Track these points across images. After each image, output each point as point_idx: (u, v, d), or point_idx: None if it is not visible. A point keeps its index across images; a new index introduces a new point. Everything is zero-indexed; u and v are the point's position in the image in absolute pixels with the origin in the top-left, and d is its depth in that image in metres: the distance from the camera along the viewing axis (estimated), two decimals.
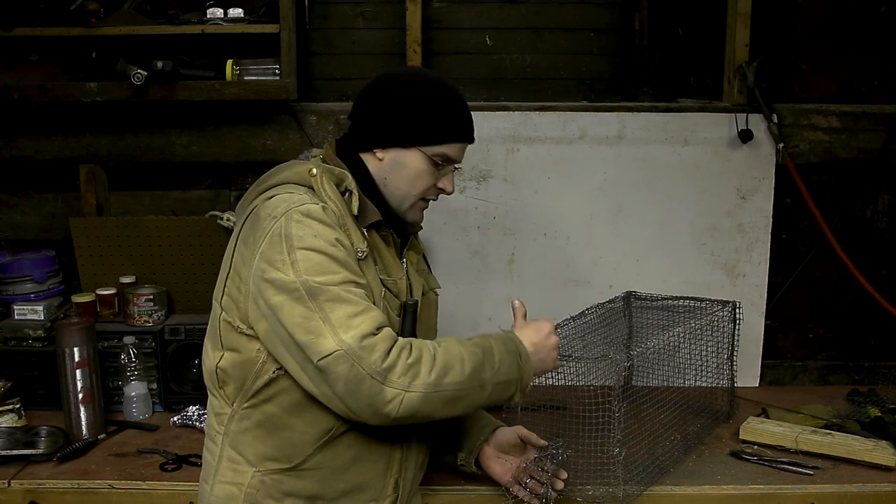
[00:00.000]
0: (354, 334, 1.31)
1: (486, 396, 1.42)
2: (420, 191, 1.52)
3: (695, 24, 2.60)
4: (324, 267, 1.35)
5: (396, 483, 1.54)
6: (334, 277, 1.35)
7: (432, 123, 1.48)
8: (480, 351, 1.42)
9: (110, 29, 2.25)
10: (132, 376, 2.21)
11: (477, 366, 1.40)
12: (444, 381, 1.35)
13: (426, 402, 1.34)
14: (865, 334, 2.58)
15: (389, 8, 2.57)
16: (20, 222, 2.57)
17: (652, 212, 2.44)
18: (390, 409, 1.32)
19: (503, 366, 1.43)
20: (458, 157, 1.54)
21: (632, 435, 1.81)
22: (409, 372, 1.32)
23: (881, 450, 1.93)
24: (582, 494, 1.78)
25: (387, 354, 1.31)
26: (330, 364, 1.31)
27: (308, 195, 1.42)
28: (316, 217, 1.38)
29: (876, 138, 2.43)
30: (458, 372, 1.37)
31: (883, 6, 2.42)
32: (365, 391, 1.31)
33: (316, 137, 2.42)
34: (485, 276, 2.46)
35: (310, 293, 1.33)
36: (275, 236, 1.36)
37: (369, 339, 1.31)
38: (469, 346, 1.42)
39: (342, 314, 1.32)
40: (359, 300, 1.35)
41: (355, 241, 1.43)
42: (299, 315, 1.33)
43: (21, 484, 1.84)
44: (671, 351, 2.12)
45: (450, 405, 1.38)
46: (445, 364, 1.36)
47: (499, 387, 1.43)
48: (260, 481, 1.46)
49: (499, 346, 1.45)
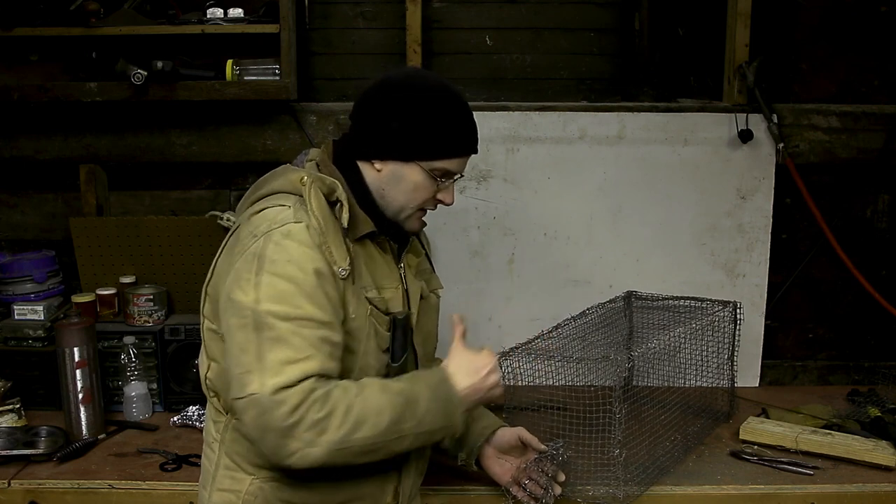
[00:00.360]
0: (274, 383, 1.28)
1: (406, 445, 1.39)
2: (418, 203, 1.48)
3: (695, 24, 2.60)
4: (286, 297, 1.32)
5: (396, 491, 1.54)
6: (292, 311, 1.31)
7: (432, 139, 1.43)
8: (403, 401, 1.37)
9: (110, 29, 2.25)
10: (132, 376, 2.21)
11: (396, 418, 1.35)
12: (353, 437, 1.31)
13: (333, 456, 1.31)
14: (865, 334, 2.58)
15: (389, 8, 2.57)
16: (20, 222, 2.57)
17: (652, 212, 2.43)
18: (293, 462, 1.30)
19: (428, 416, 1.39)
20: (459, 170, 1.50)
21: (632, 435, 1.81)
22: (316, 428, 1.29)
23: (881, 450, 1.93)
24: (582, 495, 1.78)
25: (295, 409, 1.27)
26: (242, 406, 1.31)
27: (294, 209, 1.39)
28: (296, 239, 1.35)
29: (876, 138, 2.43)
30: (372, 426, 1.33)
31: (883, 6, 2.42)
32: (269, 441, 1.30)
33: (316, 137, 2.42)
34: (485, 276, 2.46)
35: (256, 325, 1.31)
36: (249, 255, 1.35)
37: (282, 393, 1.28)
38: (392, 394, 1.37)
39: (277, 358, 1.30)
40: (302, 345, 1.31)
41: (337, 259, 1.38)
42: (238, 344, 1.33)
43: (21, 484, 1.84)
44: (672, 351, 2.11)
45: (365, 456, 1.35)
46: (358, 419, 1.31)
47: (422, 436, 1.40)
48: (258, 488, 1.46)
49: (427, 393, 1.40)
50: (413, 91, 1.45)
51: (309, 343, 1.32)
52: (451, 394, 1.42)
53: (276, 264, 1.33)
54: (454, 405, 1.42)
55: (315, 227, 1.37)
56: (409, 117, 1.43)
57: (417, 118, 1.43)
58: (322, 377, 1.33)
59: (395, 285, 1.51)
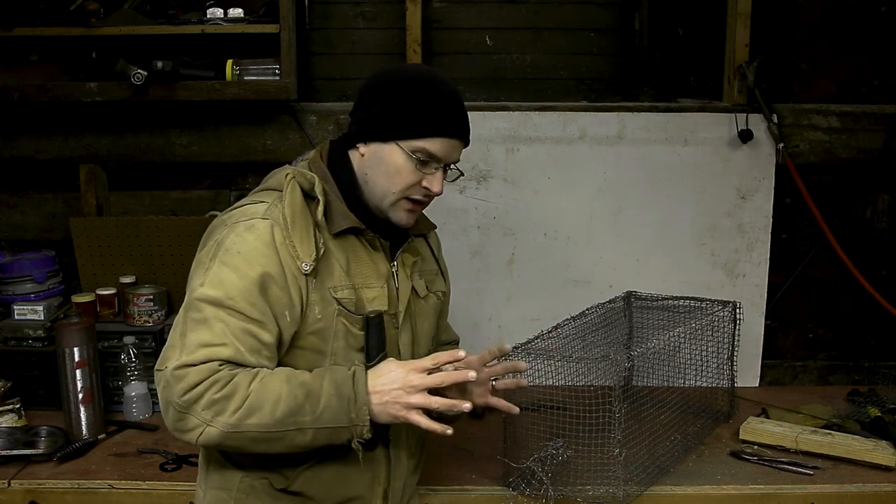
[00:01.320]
0: (180, 360, 1.32)
1: (308, 439, 1.36)
2: (400, 188, 1.44)
3: (695, 24, 2.60)
4: (224, 285, 1.35)
5: (385, 493, 1.54)
6: (224, 299, 1.34)
7: (409, 117, 1.41)
8: (304, 394, 1.34)
9: (110, 29, 2.25)
10: (132, 376, 2.21)
11: (292, 410, 1.33)
12: (246, 423, 1.31)
13: (228, 438, 1.32)
14: (865, 334, 2.58)
15: (389, 8, 2.57)
16: (20, 222, 2.57)
17: (652, 212, 2.44)
18: (191, 437, 1.33)
19: (328, 412, 1.34)
20: (442, 154, 1.44)
21: (632, 435, 1.81)
22: (213, 407, 1.31)
23: (881, 450, 1.93)
24: (582, 495, 1.78)
25: (192, 387, 1.30)
26: (156, 379, 1.36)
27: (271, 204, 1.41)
28: (256, 234, 1.37)
29: (876, 138, 2.43)
30: (267, 414, 1.32)
31: (883, 6, 2.42)
32: (170, 415, 1.34)
33: (316, 137, 2.41)
34: (485, 276, 2.46)
35: (187, 305, 1.37)
36: (213, 242, 1.40)
37: (183, 370, 1.31)
38: (294, 385, 1.35)
39: (197, 339, 1.33)
40: (223, 332, 1.33)
41: (301, 254, 1.38)
42: (175, 322, 1.39)
43: (21, 484, 1.84)
44: (671, 351, 2.11)
45: (262, 444, 1.35)
46: (253, 406, 1.31)
47: (324, 431, 1.35)
48: (249, 486, 1.47)
49: (330, 388, 1.35)
50: (398, 78, 1.46)
51: (230, 331, 1.34)
52: (356, 393, 1.35)
53: (228, 253, 1.37)
54: (358, 405, 1.35)
55: (280, 223, 1.38)
56: (389, 99, 1.43)
57: (397, 99, 1.43)
58: (232, 364, 1.34)
59: (380, 284, 1.49)
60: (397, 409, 1.36)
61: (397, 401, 1.36)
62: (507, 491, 1.81)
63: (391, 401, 1.36)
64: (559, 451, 1.81)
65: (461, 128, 1.47)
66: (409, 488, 1.62)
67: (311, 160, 1.51)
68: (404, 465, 1.57)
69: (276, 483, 1.46)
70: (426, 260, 1.64)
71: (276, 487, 1.46)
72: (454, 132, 1.46)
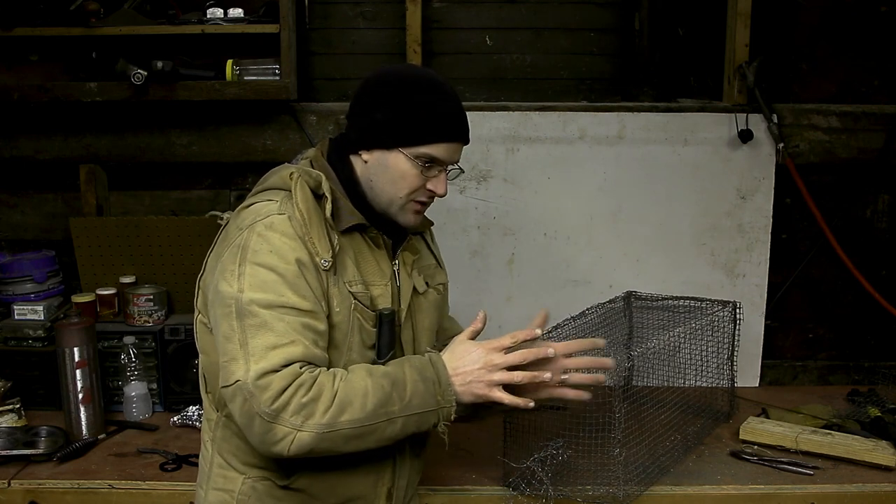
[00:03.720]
0: (257, 368, 1.29)
1: (399, 429, 1.36)
2: (406, 193, 1.45)
3: (695, 24, 2.60)
4: (268, 286, 1.33)
5: (389, 493, 1.54)
6: (274, 299, 1.33)
7: (412, 124, 1.42)
8: (389, 383, 1.35)
9: (110, 29, 2.25)
10: (132, 376, 2.21)
11: (382, 401, 1.33)
12: (339, 421, 1.30)
13: (322, 440, 1.30)
14: (865, 334, 2.58)
15: (389, 8, 2.57)
16: (20, 222, 2.57)
17: (652, 212, 2.44)
18: (281, 448, 1.30)
19: (416, 397, 1.36)
20: (445, 158, 1.45)
21: (632, 435, 1.81)
22: (303, 412, 1.28)
23: (881, 450, 1.93)
24: (582, 494, 1.78)
25: (280, 394, 1.28)
26: (230, 395, 1.31)
27: (281, 202, 1.41)
28: (279, 230, 1.37)
29: (876, 138, 2.43)
30: (359, 409, 1.31)
31: (883, 6, 2.42)
32: (256, 428, 1.30)
33: (316, 137, 2.41)
34: (485, 276, 2.46)
35: (239, 313, 1.33)
36: (234, 247, 1.38)
37: (266, 378, 1.28)
38: (378, 377, 1.35)
39: (262, 343, 1.31)
40: (286, 330, 1.32)
41: (320, 250, 1.39)
42: (223, 334, 1.34)
43: (21, 484, 1.84)
44: (671, 351, 2.11)
45: (354, 441, 1.33)
46: (343, 402, 1.31)
47: (413, 418, 1.36)
48: (251, 487, 1.46)
49: (413, 374, 1.37)
50: (398, 81, 1.45)
51: (292, 329, 1.33)
52: (439, 376, 1.38)
53: (259, 254, 1.35)
54: (443, 386, 1.38)
55: (298, 219, 1.38)
56: (391, 106, 1.43)
57: (399, 106, 1.43)
58: (307, 363, 1.33)
59: (384, 282, 1.49)
60: (481, 387, 1.39)
61: (480, 379, 1.39)
62: (507, 491, 1.81)
63: (475, 380, 1.39)
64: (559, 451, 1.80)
65: (462, 131, 1.48)
66: (411, 488, 1.62)
67: (312, 158, 1.51)
68: (408, 465, 1.57)
69: (278, 481, 1.46)
70: (424, 256, 1.64)
71: (279, 485, 1.46)
72: (456, 136, 1.47)
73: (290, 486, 1.46)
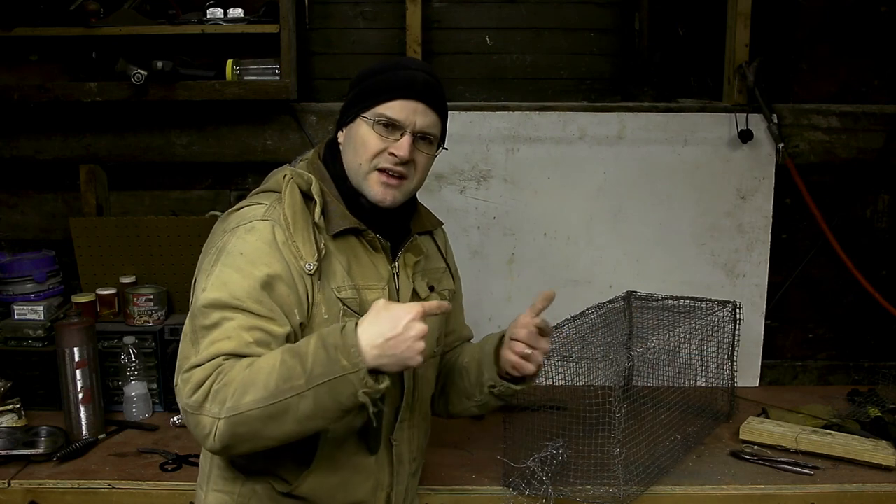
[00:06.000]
0: (190, 363, 1.30)
1: (311, 404, 1.25)
2: (367, 157, 1.43)
3: (695, 24, 2.60)
4: (228, 287, 1.33)
5: (388, 497, 1.54)
6: (229, 299, 1.32)
7: (366, 90, 1.46)
8: (291, 356, 1.27)
9: (110, 29, 2.25)
10: (132, 376, 2.21)
11: (284, 375, 1.25)
12: (243, 402, 1.24)
13: (236, 425, 1.25)
14: (865, 334, 2.58)
15: (389, 8, 2.57)
16: (20, 222, 2.57)
17: (652, 212, 2.44)
18: (212, 441, 1.27)
19: (317, 367, 1.24)
20: (401, 117, 1.42)
21: (632, 435, 1.81)
22: (217, 399, 1.26)
23: (881, 450, 1.93)
24: (582, 494, 1.78)
25: (199, 385, 1.27)
26: (176, 393, 1.33)
27: (270, 206, 1.41)
28: (257, 235, 1.37)
29: (876, 138, 2.43)
30: (262, 387, 1.24)
31: (883, 6, 2.42)
32: (191, 424, 1.30)
33: (316, 137, 2.41)
34: (485, 276, 2.46)
35: (194, 313, 1.35)
36: (215, 249, 1.40)
37: (189, 372, 1.29)
38: (284, 353, 1.28)
39: (206, 342, 1.31)
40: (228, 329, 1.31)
41: (304, 254, 1.38)
42: (183, 331, 1.36)
43: (21, 484, 1.84)
44: (671, 351, 2.12)
45: (271, 423, 1.26)
46: (246, 383, 1.25)
47: (323, 388, 1.24)
48: (251, 490, 1.47)
49: (315, 342, 1.27)
50: (369, 68, 1.51)
51: (238, 327, 1.32)
52: (344, 338, 1.25)
53: (230, 256, 1.36)
54: (346, 348, 1.24)
55: (282, 224, 1.39)
56: (356, 86, 1.49)
57: (361, 82, 1.49)
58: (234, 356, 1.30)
59: (381, 285, 1.48)
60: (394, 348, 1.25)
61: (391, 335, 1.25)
62: (507, 491, 1.81)
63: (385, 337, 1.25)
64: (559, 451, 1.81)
65: (416, 89, 1.45)
66: (410, 492, 1.62)
67: (309, 160, 1.53)
68: (406, 470, 1.57)
69: (279, 487, 1.46)
70: (431, 258, 1.63)
71: (280, 492, 1.46)
72: (409, 94, 1.44)
73: (292, 491, 1.46)
